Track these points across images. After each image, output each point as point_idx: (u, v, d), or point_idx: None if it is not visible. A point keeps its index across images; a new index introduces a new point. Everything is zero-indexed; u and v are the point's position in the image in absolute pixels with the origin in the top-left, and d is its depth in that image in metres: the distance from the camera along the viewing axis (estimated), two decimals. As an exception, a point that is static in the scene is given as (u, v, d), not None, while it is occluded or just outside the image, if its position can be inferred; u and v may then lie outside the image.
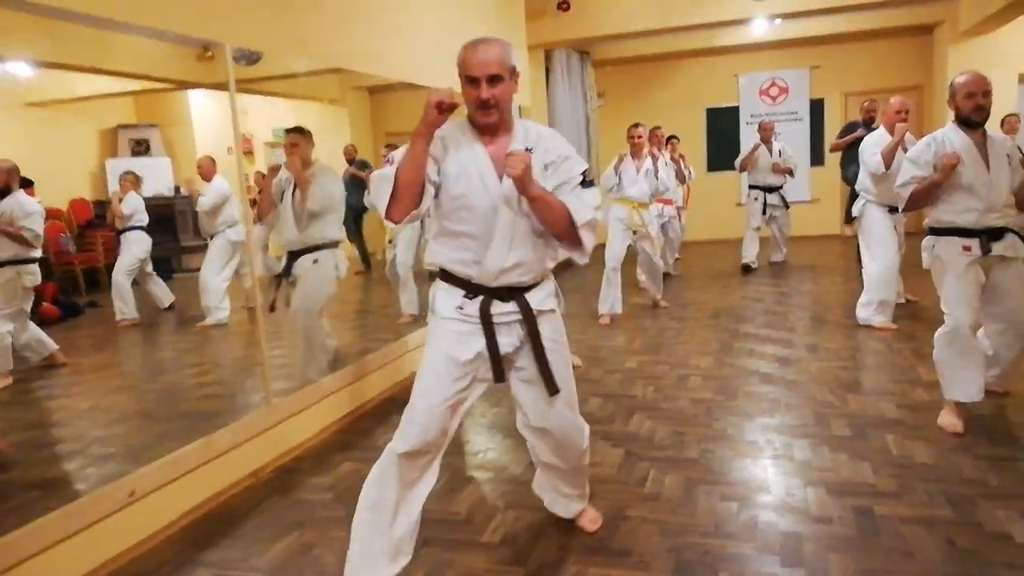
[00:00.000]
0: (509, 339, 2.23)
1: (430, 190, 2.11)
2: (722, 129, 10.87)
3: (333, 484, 3.19)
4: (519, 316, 2.21)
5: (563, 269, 8.71)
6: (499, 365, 2.22)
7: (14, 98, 7.08)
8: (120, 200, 6.51)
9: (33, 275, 4.44)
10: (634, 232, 6.08)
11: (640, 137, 6.05)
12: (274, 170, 4.26)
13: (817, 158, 10.48)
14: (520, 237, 2.16)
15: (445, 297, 2.24)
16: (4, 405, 4.25)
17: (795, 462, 3.11)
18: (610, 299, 6.00)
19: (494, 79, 2.08)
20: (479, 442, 3.60)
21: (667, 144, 8.01)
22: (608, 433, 3.56)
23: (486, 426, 3.80)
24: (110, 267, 7.49)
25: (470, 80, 2.09)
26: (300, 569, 2.50)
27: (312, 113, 4.34)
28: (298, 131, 4.16)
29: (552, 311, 2.33)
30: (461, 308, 2.20)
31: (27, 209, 4.47)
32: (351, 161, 6.80)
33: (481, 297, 2.19)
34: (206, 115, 9.33)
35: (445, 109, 1.99)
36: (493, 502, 2.91)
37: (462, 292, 2.21)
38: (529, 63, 7.70)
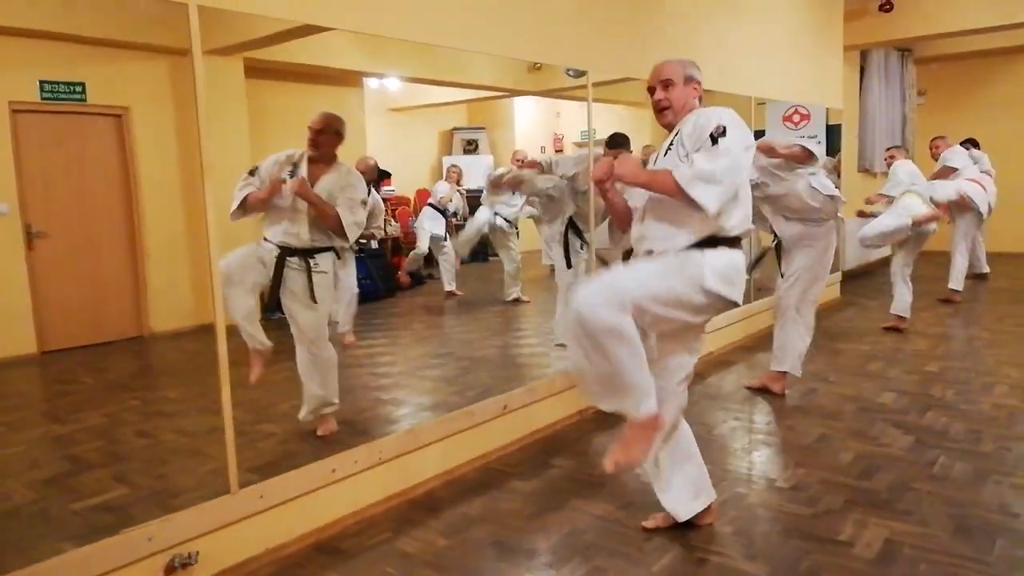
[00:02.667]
0: None
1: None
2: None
3: (645, 428, 3.88)
4: None
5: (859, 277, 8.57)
6: None
7: (382, 105, 9.02)
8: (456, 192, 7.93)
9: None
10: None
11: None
12: None
13: None
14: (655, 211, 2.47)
15: None
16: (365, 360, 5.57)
17: (1104, 471, 3.13)
18: (897, 302, 5.94)
19: (666, 84, 2.51)
20: (762, 416, 4.05)
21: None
22: (900, 422, 3.80)
23: (768, 399, 4.23)
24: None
25: (650, 90, 2.56)
26: (628, 478, 3.21)
27: (614, 115, 5.04)
28: (617, 142, 4.54)
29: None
30: None
31: (380, 206, 6.09)
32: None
33: None
34: (526, 119, 10.70)
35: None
36: (784, 460, 3.38)
37: None
38: (844, 64, 7.69)
